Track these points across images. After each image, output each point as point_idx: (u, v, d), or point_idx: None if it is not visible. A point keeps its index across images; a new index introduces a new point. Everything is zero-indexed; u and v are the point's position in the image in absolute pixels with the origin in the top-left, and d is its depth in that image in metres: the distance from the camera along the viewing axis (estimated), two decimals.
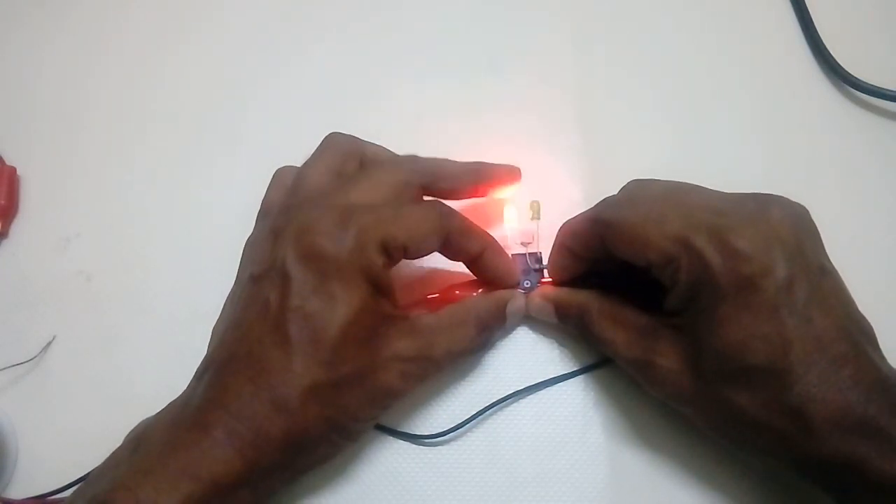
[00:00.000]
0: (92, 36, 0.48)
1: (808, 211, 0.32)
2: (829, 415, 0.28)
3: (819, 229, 0.32)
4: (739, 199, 0.32)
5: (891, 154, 0.44)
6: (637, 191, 0.34)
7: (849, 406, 0.28)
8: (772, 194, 0.32)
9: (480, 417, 0.37)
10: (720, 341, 0.30)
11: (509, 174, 0.38)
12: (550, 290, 0.37)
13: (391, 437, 0.37)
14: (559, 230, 0.36)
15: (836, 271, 0.31)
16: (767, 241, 0.29)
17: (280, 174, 0.37)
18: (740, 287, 0.29)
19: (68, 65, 0.47)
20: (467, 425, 0.37)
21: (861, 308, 0.31)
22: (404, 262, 0.35)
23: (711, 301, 0.30)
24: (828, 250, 0.32)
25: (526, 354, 0.39)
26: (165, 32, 0.48)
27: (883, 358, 0.30)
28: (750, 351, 0.29)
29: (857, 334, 0.30)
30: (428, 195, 0.36)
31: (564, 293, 0.36)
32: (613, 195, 0.35)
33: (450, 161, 0.37)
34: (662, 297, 0.32)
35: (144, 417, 0.33)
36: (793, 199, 0.32)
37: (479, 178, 0.37)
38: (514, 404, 0.38)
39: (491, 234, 0.36)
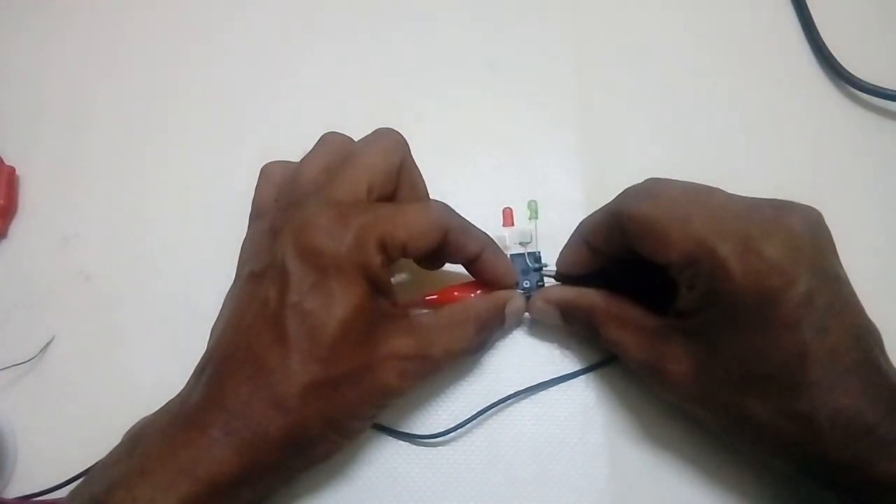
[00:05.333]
0: (92, 37, 0.48)
1: (822, 216, 0.31)
2: (839, 421, 0.28)
3: None
4: (757, 205, 0.31)
5: (891, 154, 0.44)
6: (657, 186, 0.33)
7: (858, 412, 0.28)
8: (787, 200, 0.32)
9: (480, 417, 0.37)
10: (736, 349, 0.30)
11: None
12: (555, 293, 0.37)
13: (391, 438, 0.37)
14: (578, 225, 0.36)
15: (847, 278, 0.31)
16: (790, 252, 0.29)
17: (268, 170, 0.37)
18: (762, 299, 0.29)
19: (68, 65, 0.47)
20: (467, 425, 0.37)
21: None
22: (403, 261, 0.35)
23: (730, 309, 0.30)
24: None
25: (526, 355, 0.39)
26: (165, 34, 0.48)
27: (890, 364, 0.30)
28: (765, 360, 0.29)
29: (869, 341, 0.30)
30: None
31: (570, 294, 0.36)
32: (634, 185, 0.34)
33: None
34: (672, 299, 0.32)
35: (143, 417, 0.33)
36: (792, 199, 0.32)
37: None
38: (514, 404, 0.38)
39: (489, 233, 0.36)
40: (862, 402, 0.28)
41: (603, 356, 0.38)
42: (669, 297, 0.34)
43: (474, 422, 0.37)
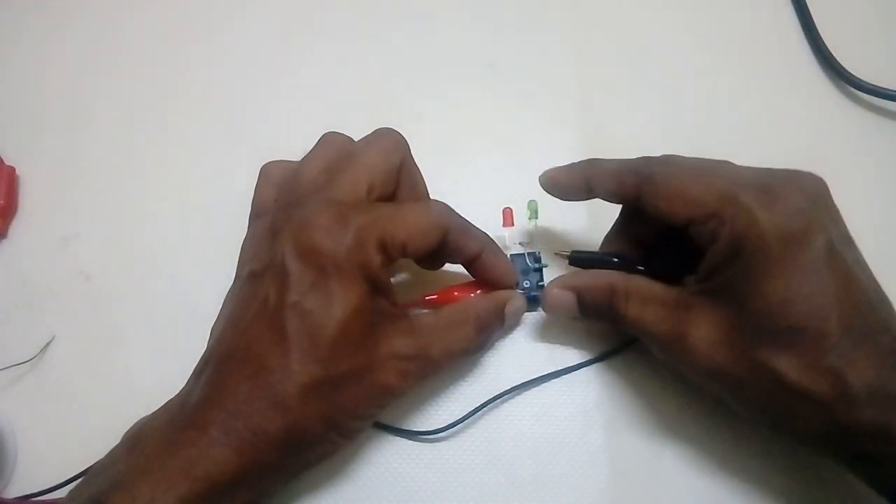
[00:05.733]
0: (92, 37, 0.48)
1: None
2: (867, 381, 0.28)
3: None
4: (769, 170, 0.33)
5: (891, 154, 0.44)
6: (675, 157, 0.34)
7: (886, 374, 0.28)
8: (797, 169, 0.33)
9: (480, 414, 0.37)
10: (763, 299, 0.29)
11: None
12: (570, 278, 0.36)
13: (391, 437, 0.37)
14: (584, 162, 0.36)
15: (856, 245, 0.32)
16: (810, 203, 0.30)
17: (267, 170, 0.37)
18: (787, 244, 0.29)
19: (68, 65, 0.47)
20: (467, 420, 0.37)
21: None
22: (403, 261, 0.35)
23: (755, 258, 0.30)
24: None
25: (526, 354, 0.38)
26: (165, 34, 0.48)
27: None
28: (793, 310, 0.29)
29: (888, 307, 0.30)
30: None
31: (587, 277, 0.35)
32: (651, 156, 0.35)
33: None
34: (681, 275, 0.33)
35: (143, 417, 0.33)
36: None
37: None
38: (514, 401, 0.38)
39: (489, 233, 0.36)
40: (888, 364, 0.28)
41: (604, 351, 0.38)
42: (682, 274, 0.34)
43: (475, 422, 0.37)
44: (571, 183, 0.36)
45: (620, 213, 0.37)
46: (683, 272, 0.33)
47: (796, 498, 0.35)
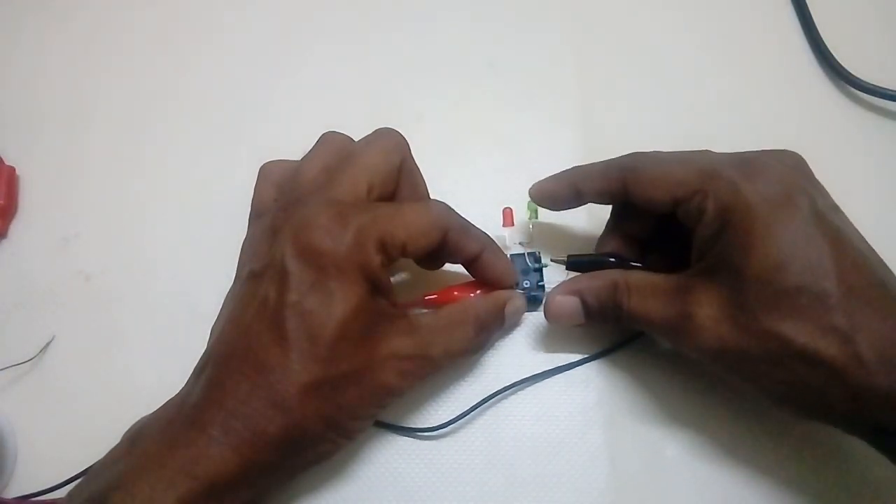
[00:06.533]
0: (92, 37, 0.48)
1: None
2: (877, 343, 0.28)
3: None
4: (750, 151, 0.34)
5: (891, 154, 0.44)
6: (654, 151, 0.35)
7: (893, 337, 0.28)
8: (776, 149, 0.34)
9: (480, 413, 0.37)
10: (758, 265, 0.30)
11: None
12: (570, 283, 0.36)
13: (390, 436, 0.37)
14: (570, 170, 0.37)
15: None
16: (792, 171, 0.31)
17: (267, 170, 0.37)
18: (773, 208, 0.30)
19: (69, 65, 0.47)
20: (467, 419, 0.37)
21: None
22: (403, 261, 0.35)
23: (743, 226, 0.30)
24: None
25: (526, 354, 0.39)
26: (165, 33, 0.48)
27: None
28: (789, 270, 0.29)
29: (886, 269, 0.30)
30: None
31: (587, 279, 0.35)
32: (634, 152, 0.36)
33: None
34: (677, 270, 0.33)
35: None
36: None
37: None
38: (514, 400, 0.38)
39: (489, 233, 0.36)
40: (892, 329, 0.28)
41: (604, 348, 0.38)
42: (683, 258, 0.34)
43: (474, 421, 0.37)
44: (560, 191, 0.37)
45: (611, 213, 0.38)
46: (678, 268, 0.34)
47: (795, 496, 0.35)
